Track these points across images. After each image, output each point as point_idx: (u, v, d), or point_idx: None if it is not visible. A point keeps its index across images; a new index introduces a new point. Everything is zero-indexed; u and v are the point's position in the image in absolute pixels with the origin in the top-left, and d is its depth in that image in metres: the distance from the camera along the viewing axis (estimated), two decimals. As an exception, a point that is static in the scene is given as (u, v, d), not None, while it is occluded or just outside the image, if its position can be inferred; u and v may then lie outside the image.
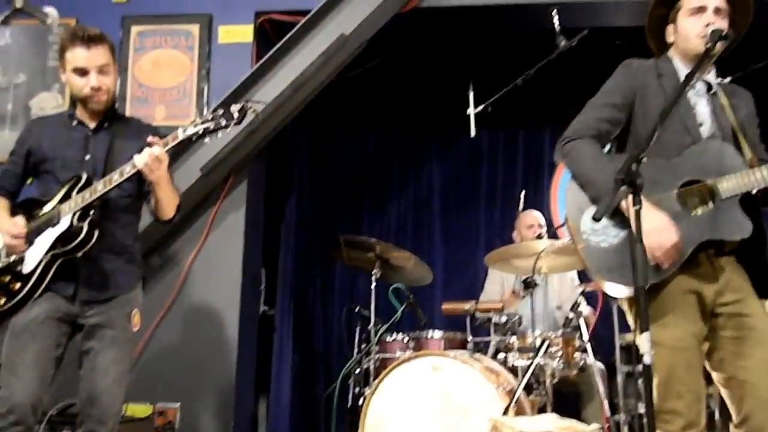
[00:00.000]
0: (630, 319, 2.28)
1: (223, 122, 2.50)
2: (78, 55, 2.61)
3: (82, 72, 2.62)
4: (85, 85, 2.63)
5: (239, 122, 2.52)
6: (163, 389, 3.70)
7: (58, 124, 2.77)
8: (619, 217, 2.16)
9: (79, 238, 2.53)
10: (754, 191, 2.12)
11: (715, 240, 2.12)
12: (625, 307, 2.30)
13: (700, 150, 2.20)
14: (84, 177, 2.61)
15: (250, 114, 2.56)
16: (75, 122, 2.74)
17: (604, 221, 2.15)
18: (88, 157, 2.69)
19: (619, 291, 2.21)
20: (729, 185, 2.11)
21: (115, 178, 2.54)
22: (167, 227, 3.77)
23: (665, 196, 2.17)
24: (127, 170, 2.52)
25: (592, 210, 2.13)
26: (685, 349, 2.11)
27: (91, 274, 2.62)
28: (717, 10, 2.25)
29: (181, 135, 2.53)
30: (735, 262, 2.20)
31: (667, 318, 2.11)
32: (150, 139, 2.53)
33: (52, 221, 2.59)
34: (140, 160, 2.48)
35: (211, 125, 2.50)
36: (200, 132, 2.51)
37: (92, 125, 2.73)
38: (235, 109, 2.50)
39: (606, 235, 2.18)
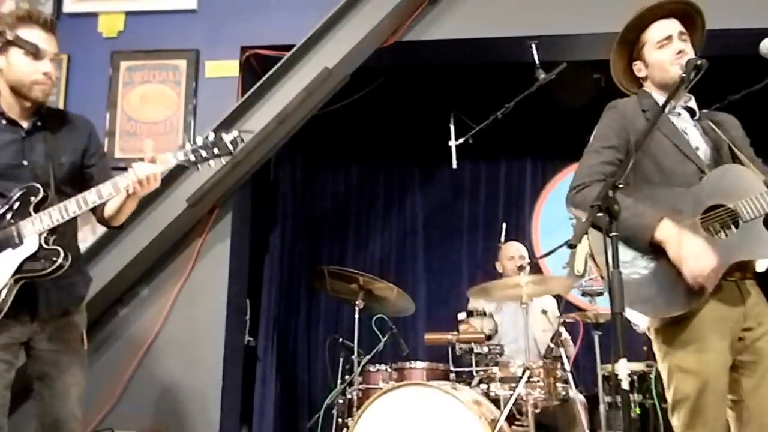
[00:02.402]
0: (656, 348, 2.25)
1: (216, 151, 2.41)
2: (36, 36, 2.42)
3: (36, 55, 2.42)
4: (35, 70, 2.43)
5: (231, 153, 2.43)
6: (147, 419, 3.68)
7: None
8: (648, 249, 2.16)
9: (55, 265, 2.37)
10: None
11: (742, 263, 2.14)
12: (652, 336, 2.27)
13: (719, 175, 2.24)
14: (40, 190, 2.40)
15: (241, 144, 2.48)
16: (4, 122, 2.49)
17: (632, 253, 2.15)
18: (25, 162, 2.47)
19: (645, 321, 2.20)
20: (751, 207, 2.14)
21: (92, 199, 2.39)
22: (153, 259, 3.82)
23: (689, 223, 2.19)
24: (107, 191, 2.38)
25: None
26: (715, 377, 2.10)
27: (49, 291, 2.46)
28: (680, 34, 2.37)
29: (172, 160, 2.43)
30: (756, 285, 2.22)
31: (698, 345, 2.11)
32: (150, 156, 2.40)
33: (11, 240, 2.37)
34: (142, 171, 2.36)
35: (203, 152, 2.41)
36: (192, 159, 2.42)
37: (25, 125, 2.51)
38: (227, 138, 2.42)
39: (635, 266, 2.16)
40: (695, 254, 2.06)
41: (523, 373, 3.40)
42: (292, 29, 3.96)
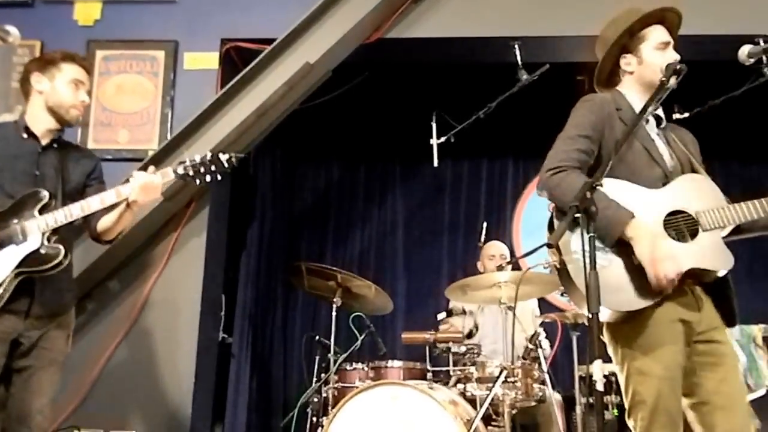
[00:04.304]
0: (611, 350, 2.26)
1: (213, 168, 2.69)
2: (78, 71, 2.80)
3: (78, 85, 2.78)
4: (75, 97, 2.77)
5: (226, 171, 2.70)
6: (118, 416, 3.62)
7: (6, 134, 2.77)
8: (611, 242, 2.15)
9: (56, 261, 2.57)
10: (733, 226, 2.19)
11: (698, 270, 2.16)
12: (607, 336, 2.27)
13: (683, 183, 2.26)
14: (46, 195, 2.62)
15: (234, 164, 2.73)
16: (26, 135, 2.75)
17: (596, 243, 2.12)
18: (37, 172, 2.71)
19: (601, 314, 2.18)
20: (712, 218, 2.17)
21: (95, 204, 2.62)
22: (125, 252, 3.76)
23: (651, 226, 2.19)
24: (109, 198, 2.63)
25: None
26: (672, 379, 2.12)
27: (44, 291, 2.63)
28: (672, 45, 2.37)
29: (171, 174, 2.67)
30: (705, 293, 2.24)
31: (656, 347, 2.13)
32: (152, 168, 2.68)
33: (14, 238, 2.57)
34: (142, 178, 2.61)
35: (201, 169, 2.68)
36: (191, 174, 2.68)
37: (44, 141, 2.77)
38: (223, 158, 2.68)
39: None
40: (665, 257, 2.08)
41: (500, 374, 3.38)
42: (274, 22, 3.93)
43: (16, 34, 2.63)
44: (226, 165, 2.69)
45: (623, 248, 2.15)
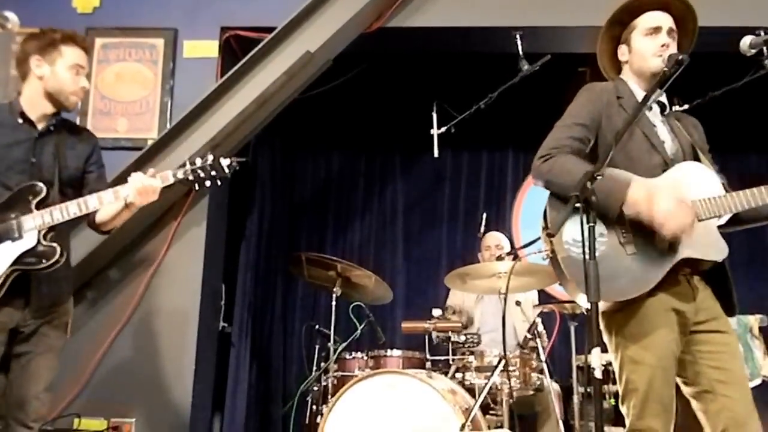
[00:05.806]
0: (606, 338, 2.27)
1: (214, 173, 2.63)
2: (79, 54, 2.73)
3: (78, 70, 2.71)
4: (75, 83, 2.71)
5: (227, 176, 2.65)
6: (118, 405, 3.64)
7: (1, 119, 2.69)
8: (602, 231, 2.16)
9: (52, 261, 2.53)
10: (729, 215, 2.19)
11: (693, 259, 2.16)
12: (602, 324, 2.27)
13: (681, 171, 2.26)
14: (43, 189, 2.57)
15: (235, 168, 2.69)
16: (21, 120, 2.68)
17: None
18: (34, 160, 2.65)
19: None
20: (708, 207, 2.17)
21: (93, 204, 2.57)
22: (125, 241, 3.76)
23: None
24: (108, 198, 2.57)
25: (575, 220, 2.08)
26: (665, 368, 2.14)
27: (41, 285, 2.61)
28: (669, 31, 2.35)
29: (171, 178, 2.62)
30: (704, 282, 2.24)
31: (649, 336, 2.14)
32: (152, 171, 2.63)
33: (11, 233, 2.53)
34: (141, 182, 2.56)
35: (201, 173, 2.61)
36: (191, 179, 2.61)
37: (39, 126, 2.70)
38: (224, 163, 2.63)
39: None
40: (679, 205, 2.09)
41: (499, 363, 3.40)
42: (274, 11, 3.91)
43: (15, 21, 2.60)
44: (227, 170, 2.63)
45: (616, 237, 2.15)
